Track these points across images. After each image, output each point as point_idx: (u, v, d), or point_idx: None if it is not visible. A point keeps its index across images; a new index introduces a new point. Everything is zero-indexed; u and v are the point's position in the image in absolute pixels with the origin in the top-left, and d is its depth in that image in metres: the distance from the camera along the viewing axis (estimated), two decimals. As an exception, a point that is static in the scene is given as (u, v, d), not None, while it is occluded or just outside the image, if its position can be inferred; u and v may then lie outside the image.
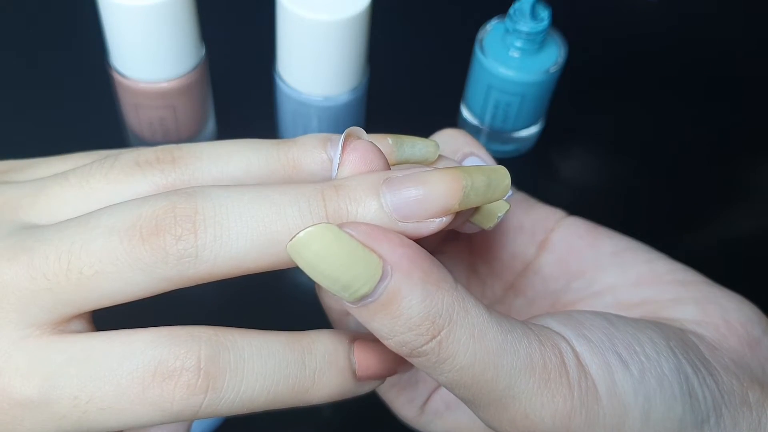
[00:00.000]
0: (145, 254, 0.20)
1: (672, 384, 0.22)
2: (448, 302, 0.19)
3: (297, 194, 0.20)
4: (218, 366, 0.20)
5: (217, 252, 0.20)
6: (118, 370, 0.20)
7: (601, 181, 0.48)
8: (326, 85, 0.39)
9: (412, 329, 0.19)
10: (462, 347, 0.20)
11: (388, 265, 0.19)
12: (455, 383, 0.20)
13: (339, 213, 0.20)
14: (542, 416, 0.20)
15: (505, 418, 0.21)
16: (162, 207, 0.20)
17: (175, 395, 0.20)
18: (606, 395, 0.21)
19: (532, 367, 0.20)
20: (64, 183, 0.23)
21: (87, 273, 0.20)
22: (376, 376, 0.23)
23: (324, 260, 0.19)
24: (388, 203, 0.20)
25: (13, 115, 0.47)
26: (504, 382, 0.20)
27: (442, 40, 0.54)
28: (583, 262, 0.29)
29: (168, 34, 0.37)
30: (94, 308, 0.21)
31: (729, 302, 0.26)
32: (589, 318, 0.23)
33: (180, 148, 0.23)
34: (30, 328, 0.20)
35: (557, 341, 0.21)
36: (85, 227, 0.20)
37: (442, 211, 0.20)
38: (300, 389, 0.21)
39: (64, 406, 0.20)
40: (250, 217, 0.20)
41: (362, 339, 0.23)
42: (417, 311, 0.19)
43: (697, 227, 0.46)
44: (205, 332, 0.20)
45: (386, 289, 0.19)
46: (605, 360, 0.21)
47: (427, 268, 0.19)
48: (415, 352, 0.20)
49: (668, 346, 0.23)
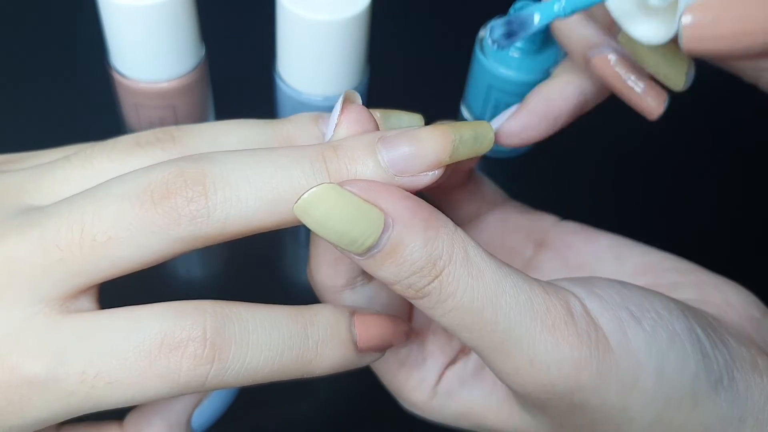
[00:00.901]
0: (158, 217, 0.20)
1: (684, 341, 0.22)
2: (448, 245, 0.20)
3: (299, 155, 0.21)
4: (224, 337, 0.20)
5: (228, 212, 0.20)
6: (124, 344, 0.20)
7: (601, 181, 0.48)
8: (326, 85, 0.39)
9: (415, 272, 0.20)
10: (461, 284, 0.20)
11: (389, 217, 0.20)
12: (458, 324, 0.21)
13: (340, 172, 0.21)
14: (547, 363, 0.20)
15: (510, 365, 0.21)
16: (171, 172, 0.20)
17: (182, 366, 0.20)
18: (618, 348, 0.21)
19: (533, 309, 0.20)
20: (67, 165, 0.23)
21: (100, 240, 0.20)
22: (376, 347, 0.23)
23: (330, 218, 0.20)
24: (385, 160, 0.21)
25: (13, 115, 0.47)
26: (504, 322, 0.20)
27: (442, 40, 0.54)
28: (580, 257, 0.29)
29: (168, 34, 0.37)
30: (105, 278, 0.21)
31: (726, 286, 0.26)
32: (599, 280, 0.23)
33: (179, 129, 0.24)
34: (39, 305, 0.21)
35: (564, 294, 0.21)
36: (95, 197, 0.21)
37: (435, 163, 0.21)
38: (303, 360, 0.22)
39: (71, 382, 0.20)
40: (257, 178, 0.20)
41: (362, 312, 0.23)
42: (419, 256, 0.20)
43: (698, 227, 0.46)
44: (210, 305, 0.21)
45: (389, 239, 0.20)
46: (616, 315, 0.21)
47: (427, 216, 0.20)
48: (420, 293, 0.20)
49: (679, 309, 0.23)
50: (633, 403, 0.21)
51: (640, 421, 0.21)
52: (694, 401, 0.21)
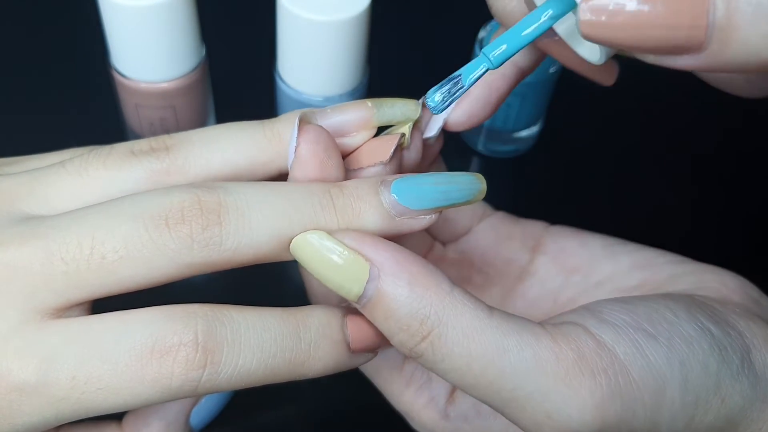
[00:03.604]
0: (171, 241, 0.20)
1: (701, 342, 0.22)
2: (437, 304, 0.20)
3: (308, 191, 0.22)
4: (216, 340, 0.20)
5: (239, 241, 0.21)
6: (115, 349, 0.20)
7: (601, 181, 0.48)
8: (326, 85, 0.39)
9: (403, 329, 0.20)
10: (456, 348, 0.20)
11: (374, 268, 0.20)
12: (462, 384, 0.21)
13: (346, 209, 0.21)
14: (568, 414, 0.20)
15: (526, 419, 0.21)
16: (187, 198, 0.21)
17: (174, 371, 0.20)
18: (640, 373, 0.21)
19: (541, 364, 0.20)
20: (62, 171, 0.23)
21: (110, 258, 0.20)
22: (369, 348, 0.23)
23: (317, 263, 0.21)
24: (387, 201, 0.22)
25: (13, 115, 0.47)
26: (510, 382, 0.20)
27: (442, 40, 0.54)
28: (576, 259, 0.29)
29: (168, 34, 0.37)
30: (106, 294, 0.21)
31: (722, 272, 0.27)
32: (603, 304, 0.23)
33: (172, 137, 0.24)
34: (32, 313, 0.21)
35: (573, 333, 0.21)
36: (107, 214, 0.21)
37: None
38: (296, 362, 0.22)
39: (61, 387, 0.20)
40: (269, 210, 0.21)
41: (354, 313, 0.23)
42: (404, 311, 0.20)
43: (698, 226, 0.46)
44: (201, 309, 0.21)
45: (376, 289, 0.20)
46: (632, 338, 0.21)
47: (416, 271, 0.20)
48: (412, 352, 0.20)
49: (685, 309, 0.23)
50: (663, 419, 0.21)
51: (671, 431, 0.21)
52: (721, 397, 0.21)
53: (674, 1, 0.16)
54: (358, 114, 0.24)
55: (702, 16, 0.16)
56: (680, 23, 0.16)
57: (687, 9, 0.16)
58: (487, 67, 0.21)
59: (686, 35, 0.16)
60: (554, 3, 0.20)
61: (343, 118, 0.24)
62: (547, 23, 0.20)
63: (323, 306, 0.23)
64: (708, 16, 0.16)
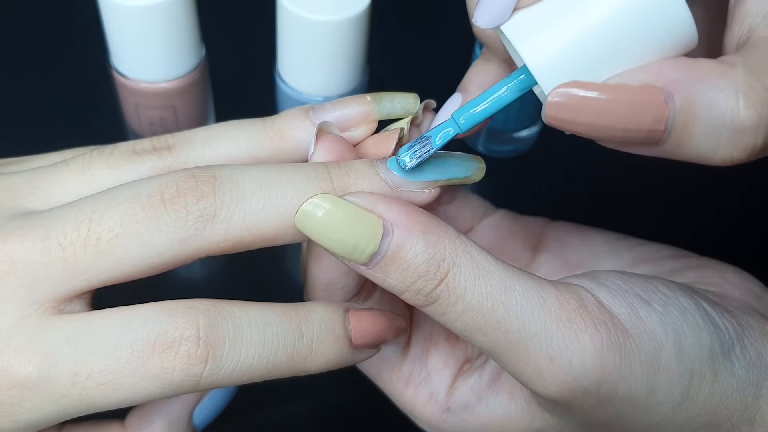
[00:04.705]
0: (166, 215, 0.20)
1: (694, 314, 0.22)
2: (450, 248, 0.21)
3: (302, 165, 0.22)
4: (217, 335, 0.20)
5: (233, 211, 0.21)
6: (116, 344, 0.20)
7: (601, 181, 0.48)
8: (326, 85, 0.39)
9: (421, 276, 0.20)
10: (469, 286, 0.21)
11: (388, 223, 0.20)
12: (471, 327, 0.21)
13: (342, 179, 0.22)
14: (569, 358, 0.20)
15: (530, 366, 0.21)
16: (182, 175, 0.21)
17: (176, 366, 0.20)
18: (636, 332, 0.21)
19: (545, 306, 0.21)
20: (65, 170, 0.23)
21: (106, 238, 0.20)
22: (371, 343, 0.23)
23: (329, 225, 0.20)
24: (384, 175, 0.22)
25: (13, 115, 0.47)
26: (517, 320, 0.20)
27: (442, 40, 0.54)
28: (578, 255, 0.29)
29: (168, 34, 0.37)
30: (104, 282, 0.21)
31: (724, 267, 0.27)
32: (602, 272, 0.23)
33: (174, 136, 0.24)
34: (33, 306, 0.21)
35: (573, 288, 0.22)
36: (104, 198, 0.21)
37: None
38: (298, 358, 0.22)
39: (63, 383, 0.20)
40: (263, 182, 0.21)
41: (356, 308, 0.23)
42: (422, 258, 0.20)
43: (698, 226, 0.46)
44: (202, 304, 0.21)
45: (390, 243, 0.20)
46: (626, 300, 0.22)
47: (426, 221, 0.21)
48: (429, 297, 0.21)
49: (681, 288, 0.23)
50: (659, 384, 0.21)
51: (668, 403, 0.21)
52: (714, 372, 0.22)
53: (636, 108, 0.18)
54: (358, 109, 0.25)
55: (661, 122, 0.18)
56: (641, 127, 0.19)
57: (649, 116, 0.19)
58: (456, 132, 0.22)
59: (646, 137, 0.19)
60: (516, 81, 0.21)
61: (344, 112, 0.24)
62: (512, 96, 0.21)
63: (325, 302, 0.23)
64: (667, 123, 0.18)
